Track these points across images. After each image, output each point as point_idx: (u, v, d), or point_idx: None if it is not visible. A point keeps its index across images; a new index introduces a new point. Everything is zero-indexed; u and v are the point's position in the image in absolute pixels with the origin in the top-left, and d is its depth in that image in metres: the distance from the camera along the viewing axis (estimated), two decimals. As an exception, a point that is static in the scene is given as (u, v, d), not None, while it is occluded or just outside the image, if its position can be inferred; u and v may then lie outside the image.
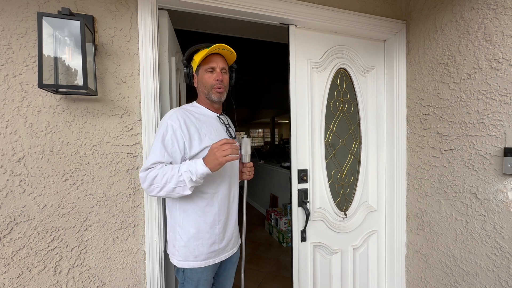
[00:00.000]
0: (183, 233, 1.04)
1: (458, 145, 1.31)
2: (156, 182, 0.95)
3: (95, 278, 1.13)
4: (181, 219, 1.05)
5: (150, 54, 1.15)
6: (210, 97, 1.09)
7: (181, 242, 1.04)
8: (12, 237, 1.01)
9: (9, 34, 1.00)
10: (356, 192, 1.66)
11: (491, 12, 1.15)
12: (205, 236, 1.05)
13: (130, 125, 1.15)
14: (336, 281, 1.61)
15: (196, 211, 1.05)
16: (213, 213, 1.06)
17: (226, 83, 1.11)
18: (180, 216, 1.05)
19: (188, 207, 1.04)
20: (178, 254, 1.05)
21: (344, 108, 1.62)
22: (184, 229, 1.04)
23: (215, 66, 1.07)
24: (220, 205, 1.08)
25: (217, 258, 1.09)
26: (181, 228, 1.05)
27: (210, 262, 1.07)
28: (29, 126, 1.02)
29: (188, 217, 1.05)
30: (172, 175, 0.94)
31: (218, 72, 1.07)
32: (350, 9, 1.46)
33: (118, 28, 1.12)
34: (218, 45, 1.03)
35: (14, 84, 1.01)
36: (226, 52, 1.09)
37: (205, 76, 1.08)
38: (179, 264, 1.05)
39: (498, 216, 1.16)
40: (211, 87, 1.07)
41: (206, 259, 1.06)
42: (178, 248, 1.05)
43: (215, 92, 1.08)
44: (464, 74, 1.27)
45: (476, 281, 1.25)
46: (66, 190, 1.07)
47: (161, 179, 0.94)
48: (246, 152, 1.17)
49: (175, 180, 0.93)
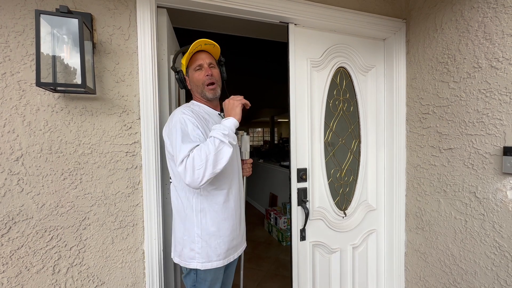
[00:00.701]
0: (203, 233, 1.01)
1: (457, 144, 1.31)
2: (197, 165, 0.88)
3: (94, 277, 1.12)
4: (198, 220, 1.02)
5: (149, 53, 1.15)
6: (204, 95, 1.09)
7: (201, 243, 1.01)
8: (10, 236, 1.01)
9: (7, 32, 0.99)
10: (355, 191, 1.66)
11: (491, 11, 1.15)
12: (225, 233, 1.04)
13: (129, 124, 1.15)
14: (335, 280, 1.61)
15: (215, 209, 1.03)
16: (231, 208, 1.06)
17: (217, 77, 1.10)
18: (197, 217, 1.02)
19: (205, 205, 1.02)
20: (199, 256, 1.01)
21: (344, 107, 1.62)
22: (204, 229, 1.01)
23: (202, 63, 1.07)
24: (235, 200, 1.09)
25: (235, 254, 1.10)
26: (199, 228, 1.01)
27: (231, 259, 1.07)
28: (27, 125, 1.02)
29: (206, 216, 1.02)
30: (207, 146, 0.89)
31: (206, 68, 1.07)
32: (350, 8, 1.45)
33: (117, 26, 1.12)
34: (199, 42, 1.02)
35: (12, 82, 1.00)
36: (209, 47, 1.07)
37: (195, 75, 1.08)
38: (203, 266, 1.01)
39: (497, 215, 1.16)
40: (202, 84, 1.07)
41: (227, 256, 1.06)
42: (199, 250, 1.01)
43: (208, 90, 1.07)
44: (464, 73, 1.26)
45: (475, 280, 1.26)
46: (64, 189, 1.07)
47: (200, 157, 0.88)
48: (246, 149, 1.19)
49: (213, 147, 0.89)
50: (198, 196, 1.01)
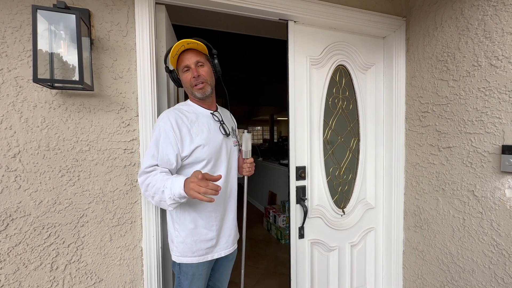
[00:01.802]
0: (181, 229, 1.05)
1: (456, 142, 1.31)
2: (148, 190, 0.97)
3: (92, 274, 1.12)
4: (178, 215, 1.06)
5: (147, 49, 1.14)
6: (194, 95, 1.08)
7: (179, 238, 1.05)
8: (8, 233, 1.01)
9: (3, 28, 0.98)
10: (354, 189, 1.66)
11: (491, 9, 1.14)
12: (202, 232, 1.06)
13: (127, 121, 1.14)
14: (334, 278, 1.61)
15: (192, 207, 1.05)
16: (209, 209, 1.06)
17: (206, 75, 1.06)
18: (177, 212, 1.06)
19: (185, 202, 1.03)
20: (176, 250, 1.06)
21: (343, 105, 1.61)
22: (181, 224, 1.05)
23: (188, 63, 1.04)
24: (221, 202, 1.08)
25: (215, 254, 1.09)
26: (178, 224, 1.06)
27: (207, 258, 1.08)
28: (24, 122, 1.01)
29: (185, 212, 1.05)
30: (158, 188, 0.94)
31: (192, 69, 1.04)
32: (350, 5, 1.45)
33: (115, 23, 1.11)
34: (180, 43, 0.99)
35: (8, 78, 0.99)
36: (193, 45, 1.03)
37: (183, 77, 1.07)
38: (178, 260, 1.06)
39: (495, 214, 1.16)
40: (190, 86, 1.06)
41: (203, 254, 1.07)
42: (177, 244, 1.06)
43: (196, 90, 1.05)
44: (463, 71, 1.26)
45: (472, 278, 1.26)
46: (62, 186, 1.07)
47: (152, 189, 0.96)
48: (247, 148, 1.16)
49: (159, 195, 0.95)
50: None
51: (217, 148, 1.06)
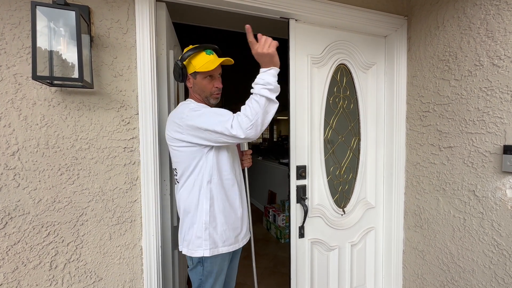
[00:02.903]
0: (211, 220, 1.04)
1: (457, 142, 1.30)
2: (252, 113, 0.91)
3: (91, 273, 1.12)
4: (208, 207, 1.04)
5: (147, 47, 1.13)
6: (208, 101, 1.12)
7: (208, 230, 1.04)
8: (6, 231, 1.00)
9: (2, 24, 0.97)
10: (354, 189, 1.66)
11: (494, 8, 1.14)
12: (230, 221, 1.08)
13: (127, 119, 1.13)
14: (334, 277, 1.61)
15: (222, 197, 1.07)
16: (236, 197, 1.11)
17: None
18: (207, 204, 1.04)
19: (214, 193, 1.05)
20: (206, 243, 1.03)
21: (344, 105, 1.61)
22: (211, 216, 1.05)
23: (215, 74, 1.10)
24: (240, 190, 1.14)
25: (240, 242, 1.13)
26: (207, 215, 1.04)
27: (236, 247, 1.10)
28: (23, 119, 1.00)
29: (214, 204, 1.05)
30: (254, 103, 0.91)
31: (218, 80, 1.11)
32: (352, 4, 1.44)
33: (115, 20, 1.10)
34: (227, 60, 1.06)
35: (7, 75, 0.98)
36: (227, 62, 1.09)
37: (203, 82, 1.09)
38: (210, 253, 1.03)
39: (496, 214, 1.16)
40: (210, 93, 1.10)
41: (233, 243, 1.09)
42: (206, 237, 1.03)
43: (213, 98, 1.12)
44: (465, 71, 1.26)
45: (472, 278, 1.26)
46: (61, 184, 1.06)
47: (253, 107, 0.91)
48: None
49: (259, 106, 0.91)
50: (208, 184, 1.04)
51: None
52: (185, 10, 1.63)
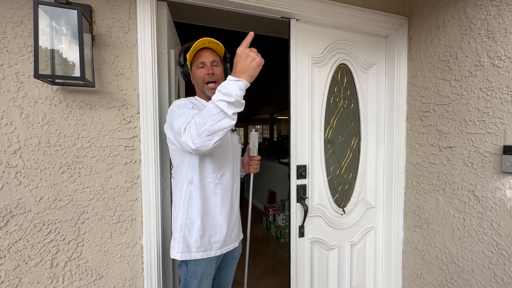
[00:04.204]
0: (187, 222, 1.02)
1: (457, 142, 1.31)
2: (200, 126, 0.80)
3: (92, 271, 1.12)
4: (185, 208, 1.02)
5: (149, 46, 1.13)
6: (204, 92, 1.09)
7: (183, 231, 1.01)
8: (8, 229, 1.00)
9: (4, 23, 0.97)
10: (354, 188, 1.66)
11: (495, 9, 1.14)
12: (208, 226, 1.04)
13: (128, 118, 1.14)
14: (333, 277, 1.61)
15: (202, 200, 1.03)
16: (217, 202, 1.05)
17: (220, 75, 1.09)
18: (185, 205, 1.02)
19: (194, 194, 1.02)
20: (178, 246, 1.01)
21: (344, 104, 1.61)
22: (188, 218, 1.02)
23: (205, 61, 1.07)
24: (223, 195, 1.07)
25: (218, 250, 1.07)
26: (184, 217, 1.02)
27: (211, 254, 1.04)
28: (25, 118, 1.01)
29: (192, 205, 1.02)
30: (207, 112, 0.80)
31: (208, 66, 1.07)
32: (353, 4, 1.44)
33: (116, 19, 1.10)
34: (203, 40, 1.03)
35: (9, 74, 0.98)
36: (213, 45, 1.07)
37: (196, 72, 1.08)
38: (181, 257, 1.00)
39: (496, 214, 1.16)
40: (203, 82, 1.07)
41: (207, 250, 1.04)
42: (180, 239, 1.01)
43: (208, 89, 1.07)
44: (465, 71, 1.26)
45: (471, 278, 1.26)
46: (63, 182, 1.06)
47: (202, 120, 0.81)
48: (254, 146, 1.18)
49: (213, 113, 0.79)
50: (189, 185, 1.02)
51: (225, 141, 1.07)
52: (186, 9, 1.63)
